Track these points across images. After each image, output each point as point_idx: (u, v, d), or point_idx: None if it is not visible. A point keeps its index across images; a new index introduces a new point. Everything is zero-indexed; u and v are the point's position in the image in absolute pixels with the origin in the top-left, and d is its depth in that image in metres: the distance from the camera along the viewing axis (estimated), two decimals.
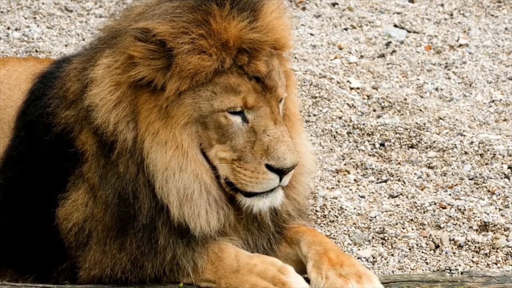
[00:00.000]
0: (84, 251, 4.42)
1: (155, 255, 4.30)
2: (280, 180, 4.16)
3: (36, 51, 7.13)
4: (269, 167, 4.12)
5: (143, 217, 4.24)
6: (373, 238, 5.24)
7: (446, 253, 5.10)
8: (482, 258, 5.05)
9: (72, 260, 4.49)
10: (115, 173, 4.28)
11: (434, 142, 6.11)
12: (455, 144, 6.06)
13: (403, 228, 5.31)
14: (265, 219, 4.43)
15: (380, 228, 5.29)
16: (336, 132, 6.26)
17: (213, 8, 4.08)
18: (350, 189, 5.71)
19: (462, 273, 4.52)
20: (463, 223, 5.30)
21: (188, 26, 4.06)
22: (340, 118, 6.37)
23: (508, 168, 5.82)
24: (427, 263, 5.03)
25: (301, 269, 4.38)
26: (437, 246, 5.16)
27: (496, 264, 5.01)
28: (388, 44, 7.47)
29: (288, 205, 4.49)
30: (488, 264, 5.01)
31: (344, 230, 5.30)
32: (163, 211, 4.23)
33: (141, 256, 4.31)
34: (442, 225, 5.29)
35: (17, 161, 4.68)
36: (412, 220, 5.36)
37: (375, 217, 5.38)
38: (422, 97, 6.74)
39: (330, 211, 5.43)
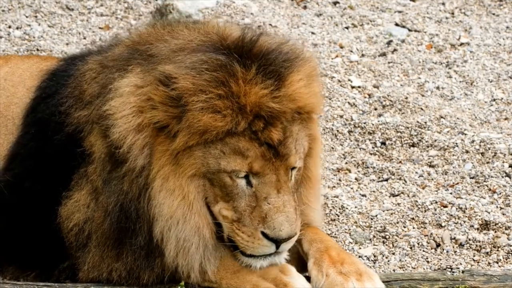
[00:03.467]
0: (83, 253, 4.43)
1: (152, 270, 4.31)
2: (277, 248, 4.14)
3: (37, 49, 7.13)
4: (265, 235, 4.10)
5: (142, 238, 4.25)
6: (374, 236, 5.24)
7: (447, 251, 5.10)
8: (483, 257, 5.05)
9: (72, 260, 4.50)
10: (120, 184, 4.28)
11: (435, 140, 6.11)
12: (456, 143, 6.06)
13: (404, 227, 5.31)
14: None
15: (381, 226, 5.29)
16: (337, 130, 6.26)
17: (237, 69, 4.06)
18: (351, 188, 5.72)
19: (463, 272, 4.52)
20: (464, 221, 5.30)
21: (207, 85, 4.05)
22: (341, 116, 6.37)
23: (509, 166, 5.82)
24: (428, 261, 5.04)
25: (302, 266, 4.39)
26: (438, 245, 5.16)
27: (497, 263, 5.01)
28: (389, 42, 7.47)
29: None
30: (489, 263, 5.01)
31: (345, 229, 5.30)
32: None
33: (137, 268, 4.32)
34: (443, 224, 5.29)
35: (25, 158, 4.68)
36: (413, 218, 5.36)
37: (376, 215, 5.39)
38: (423, 95, 6.74)
39: (331, 209, 5.44)
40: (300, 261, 4.45)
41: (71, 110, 4.53)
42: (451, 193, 5.60)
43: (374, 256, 5.08)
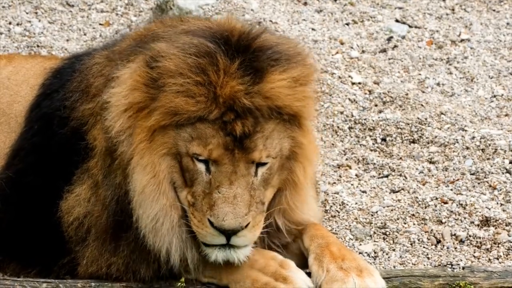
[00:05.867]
0: (82, 247, 4.44)
1: (147, 265, 4.32)
2: (228, 240, 4.14)
3: (38, 46, 7.13)
4: (211, 223, 4.11)
5: (135, 230, 4.26)
6: (374, 233, 5.25)
7: (447, 248, 5.10)
8: (484, 253, 5.06)
9: (72, 255, 4.50)
10: (116, 177, 4.31)
11: (436, 137, 6.11)
12: (456, 139, 6.06)
13: (405, 223, 5.31)
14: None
15: (381, 223, 5.29)
16: (338, 127, 6.26)
17: (220, 60, 4.10)
18: (352, 184, 5.72)
19: (463, 268, 4.52)
20: (465, 218, 5.30)
21: (188, 70, 4.10)
22: (342, 113, 6.37)
23: (510, 163, 5.82)
24: (428, 258, 5.04)
25: (303, 262, 4.39)
26: (438, 241, 5.16)
27: (497, 259, 5.01)
28: (389, 39, 7.46)
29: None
30: (489, 259, 5.01)
31: (346, 225, 5.30)
32: None
33: (134, 263, 4.34)
34: (443, 220, 5.30)
35: (28, 153, 4.69)
36: (413, 215, 5.36)
37: (376, 212, 5.39)
38: (423, 92, 6.74)
39: (331, 206, 5.44)
40: (301, 257, 4.45)
41: (77, 104, 4.55)
42: (451, 190, 5.60)
43: (375, 253, 5.08)
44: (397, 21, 7.80)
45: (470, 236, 5.15)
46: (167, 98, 4.10)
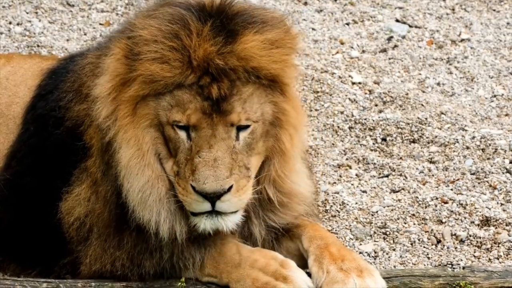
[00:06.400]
0: (85, 246, 4.44)
1: (150, 255, 4.32)
2: (213, 206, 4.14)
3: (38, 45, 7.13)
4: (193, 188, 4.12)
5: (134, 219, 4.27)
6: (374, 233, 5.25)
7: (447, 248, 5.10)
8: (484, 253, 5.06)
9: (73, 255, 4.50)
10: (113, 169, 4.32)
11: (436, 137, 6.11)
12: (456, 139, 6.06)
13: (405, 223, 5.31)
14: (256, 234, 4.44)
15: (381, 223, 5.29)
16: (338, 127, 6.26)
17: (192, 24, 4.12)
18: (352, 184, 5.72)
19: (463, 268, 4.52)
20: (465, 218, 5.30)
21: (162, 36, 4.12)
22: (342, 113, 6.37)
23: (510, 163, 5.82)
24: (428, 258, 5.04)
25: (303, 263, 4.39)
26: (438, 241, 5.16)
27: (497, 259, 5.01)
28: (389, 39, 7.46)
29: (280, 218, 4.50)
30: (489, 259, 5.01)
31: (346, 225, 5.30)
32: None
33: (138, 254, 4.34)
34: (443, 220, 5.30)
35: (25, 155, 4.70)
36: (413, 215, 5.36)
37: (376, 212, 5.39)
38: (423, 92, 6.74)
39: (332, 205, 5.44)
40: (301, 258, 4.45)
41: (71, 104, 4.56)
42: (451, 189, 5.60)
43: (375, 252, 5.08)
44: (397, 21, 7.80)
45: (470, 236, 5.15)
46: (143, 66, 4.12)
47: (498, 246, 5.08)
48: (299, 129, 4.36)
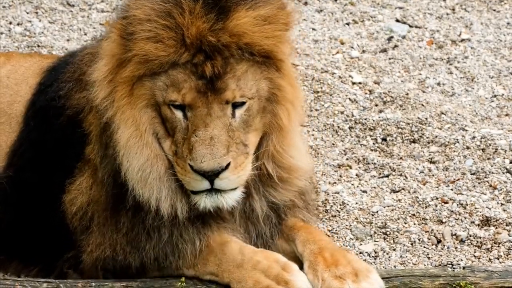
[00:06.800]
0: (87, 235, 4.47)
1: (148, 235, 4.34)
2: (212, 184, 4.16)
3: (38, 46, 7.14)
4: (191, 167, 4.14)
5: (132, 198, 4.30)
6: (375, 233, 5.25)
7: (448, 248, 5.10)
8: (484, 253, 5.06)
9: (76, 247, 4.51)
10: (110, 150, 4.34)
11: (436, 137, 6.11)
12: (457, 139, 6.06)
13: (405, 223, 5.31)
14: (257, 210, 4.44)
15: (382, 223, 5.29)
16: (338, 127, 6.26)
17: (184, 2, 4.14)
18: (352, 184, 5.72)
19: (464, 268, 4.52)
20: (465, 218, 5.30)
21: (155, 15, 4.15)
22: (342, 113, 6.37)
23: (510, 163, 5.82)
24: (429, 258, 5.04)
25: (301, 265, 4.39)
26: (439, 241, 5.16)
27: (498, 259, 5.01)
28: (390, 39, 7.46)
29: (277, 197, 4.50)
30: (490, 259, 5.01)
31: (346, 225, 5.30)
32: None
33: (136, 236, 4.35)
34: (444, 220, 5.30)
35: (26, 150, 4.71)
36: (414, 215, 5.36)
37: (377, 212, 5.39)
38: (424, 92, 6.74)
39: (332, 206, 5.44)
40: (297, 260, 4.45)
41: (72, 92, 4.59)
42: (452, 189, 5.60)
43: (375, 252, 5.08)
44: (397, 21, 7.80)
45: (470, 236, 5.15)
46: (137, 45, 4.14)
47: (498, 246, 5.08)
48: (296, 104, 4.38)
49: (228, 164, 4.13)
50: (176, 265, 4.37)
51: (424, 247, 5.12)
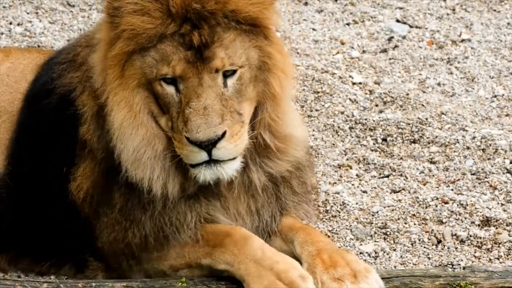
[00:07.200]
0: (98, 221, 4.47)
1: (143, 208, 4.35)
2: (210, 155, 4.16)
3: (38, 46, 7.14)
4: (188, 139, 4.15)
5: (124, 174, 4.32)
6: (375, 233, 5.25)
7: (448, 248, 5.10)
8: (484, 253, 5.06)
9: (93, 234, 4.52)
10: (105, 127, 4.36)
11: (436, 137, 6.11)
12: (457, 139, 6.06)
13: (405, 223, 5.31)
14: (255, 180, 4.45)
15: (382, 223, 5.29)
16: (338, 127, 6.26)
17: None
18: (352, 184, 5.72)
19: (464, 268, 4.52)
20: (465, 218, 5.30)
21: None
22: (342, 113, 6.37)
23: (510, 163, 5.82)
24: (429, 258, 5.04)
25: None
26: (439, 241, 5.16)
27: (498, 259, 5.01)
28: (390, 39, 7.46)
29: (275, 168, 4.51)
30: (490, 259, 5.01)
31: (346, 225, 5.30)
32: None
33: (131, 209, 4.36)
34: (444, 220, 5.30)
35: (22, 140, 4.72)
36: (414, 215, 5.36)
37: (377, 212, 5.39)
38: (424, 92, 6.74)
39: (332, 206, 5.44)
40: (298, 261, 4.44)
41: (64, 72, 4.60)
42: (452, 190, 5.60)
43: (375, 253, 5.08)
44: (397, 21, 7.80)
45: (470, 236, 5.15)
46: (125, 20, 4.15)
47: (499, 246, 5.08)
48: (287, 72, 4.39)
49: (224, 133, 4.13)
50: (177, 238, 4.37)
51: (425, 247, 5.12)
